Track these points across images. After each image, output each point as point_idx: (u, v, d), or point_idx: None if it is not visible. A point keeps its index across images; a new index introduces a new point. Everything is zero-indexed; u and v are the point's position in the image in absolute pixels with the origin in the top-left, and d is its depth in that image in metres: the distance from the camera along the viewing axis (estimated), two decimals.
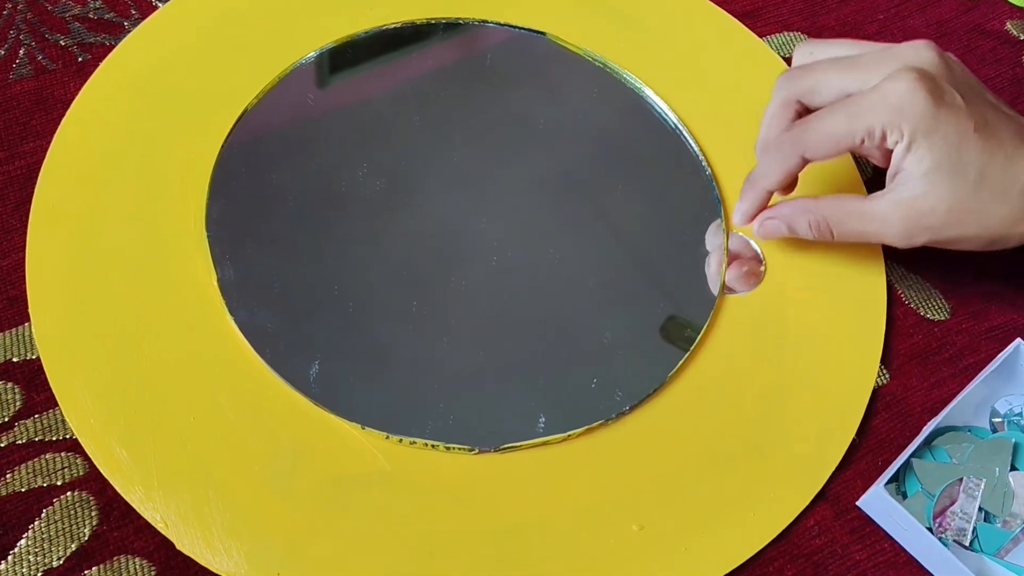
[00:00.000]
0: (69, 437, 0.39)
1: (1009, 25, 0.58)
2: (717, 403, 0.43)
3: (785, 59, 0.54)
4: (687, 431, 0.42)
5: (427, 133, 0.49)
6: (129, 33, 0.49)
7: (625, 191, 0.49)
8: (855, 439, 0.43)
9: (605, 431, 0.42)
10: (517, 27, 0.52)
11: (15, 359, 0.40)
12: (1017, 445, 0.43)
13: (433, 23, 0.52)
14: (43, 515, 0.37)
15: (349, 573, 0.37)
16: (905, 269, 0.49)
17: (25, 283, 0.41)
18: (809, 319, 0.46)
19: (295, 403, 0.40)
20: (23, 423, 0.39)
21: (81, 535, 0.37)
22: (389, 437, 0.40)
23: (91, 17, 0.50)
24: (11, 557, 0.36)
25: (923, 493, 0.42)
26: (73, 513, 0.37)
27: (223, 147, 0.46)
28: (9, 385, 0.40)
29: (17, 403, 0.39)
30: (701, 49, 0.54)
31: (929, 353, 0.47)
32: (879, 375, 0.45)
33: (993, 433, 0.44)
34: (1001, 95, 0.54)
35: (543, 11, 0.53)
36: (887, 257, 0.48)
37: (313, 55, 0.50)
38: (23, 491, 0.38)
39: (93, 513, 0.37)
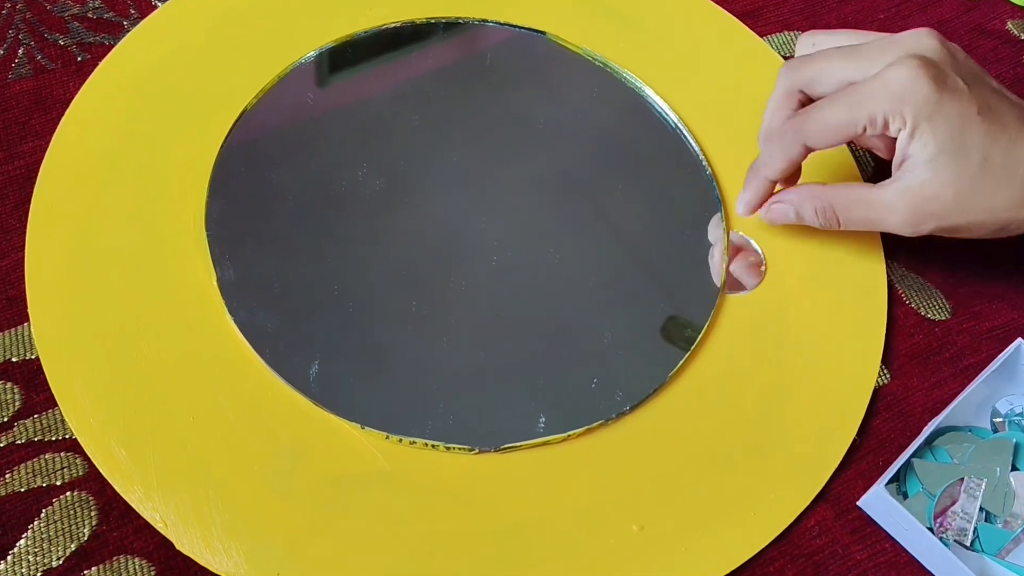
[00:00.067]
0: (68, 437, 0.39)
1: (1010, 24, 0.58)
2: (717, 403, 0.43)
3: (786, 58, 0.54)
4: (687, 431, 0.42)
5: (427, 133, 0.49)
6: (128, 33, 0.49)
7: (625, 191, 0.49)
8: (856, 439, 0.43)
9: (605, 431, 0.42)
10: (517, 26, 0.52)
11: (14, 359, 0.40)
12: (1018, 445, 0.43)
13: (433, 22, 0.52)
14: (42, 515, 0.37)
15: (349, 573, 0.37)
16: (906, 269, 0.49)
17: (24, 283, 0.41)
18: (810, 319, 0.46)
19: (295, 403, 0.40)
20: (22, 423, 0.39)
21: (80, 535, 0.37)
22: (389, 437, 0.40)
23: (90, 16, 0.50)
24: (10, 557, 0.36)
25: (924, 493, 0.42)
26: (72, 513, 0.37)
27: (223, 147, 0.46)
28: (8, 385, 0.40)
29: (16, 403, 0.39)
30: (701, 48, 0.54)
31: (930, 353, 0.47)
32: (880, 375, 0.45)
33: (994, 433, 0.44)
34: (1003, 85, 0.54)
35: (543, 10, 0.53)
36: (888, 257, 0.48)
37: (313, 54, 0.50)
38: (22, 491, 0.38)
39: (92, 513, 0.37)
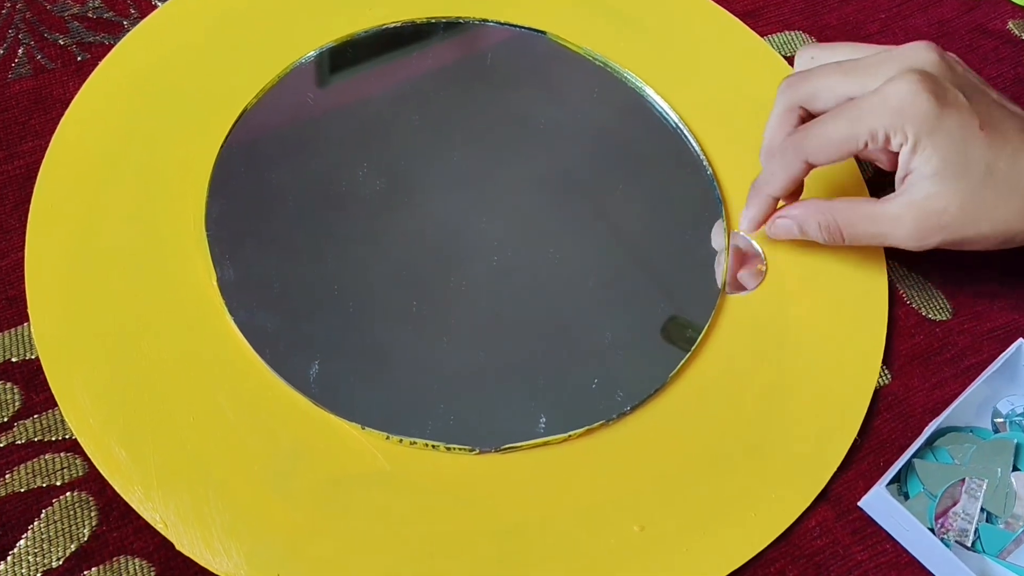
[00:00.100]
0: (68, 437, 0.39)
1: (1011, 24, 0.58)
2: (718, 403, 0.43)
3: (786, 58, 0.54)
4: (688, 431, 0.42)
5: (427, 133, 0.49)
6: (128, 32, 0.49)
7: (625, 191, 0.49)
8: (856, 439, 0.43)
9: (606, 431, 0.42)
10: (517, 26, 0.52)
11: (14, 359, 0.40)
12: (1019, 446, 0.43)
13: (433, 22, 0.52)
14: (42, 515, 0.37)
15: (349, 574, 0.37)
16: (907, 269, 0.49)
17: (24, 283, 0.41)
18: (810, 319, 0.46)
19: (295, 403, 0.40)
20: (22, 423, 0.39)
21: (80, 535, 0.37)
22: (389, 437, 0.40)
23: (90, 16, 0.50)
24: (10, 558, 0.36)
25: (925, 494, 0.42)
26: (72, 513, 0.37)
27: (223, 146, 0.46)
28: (8, 385, 0.40)
29: (16, 403, 0.39)
30: (702, 48, 0.54)
31: (931, 353, 0.46)
32: (880, 375, 0.45)
33: (995, 433, 0.44)
34: (1003, 95, 0.54)
35: (543, 10, 0.53)
36: (889, 257, 0.48)
37: (313, 54, 0.49)
38: (22, 491, 0.38)
39: (92, 513, 0.37)
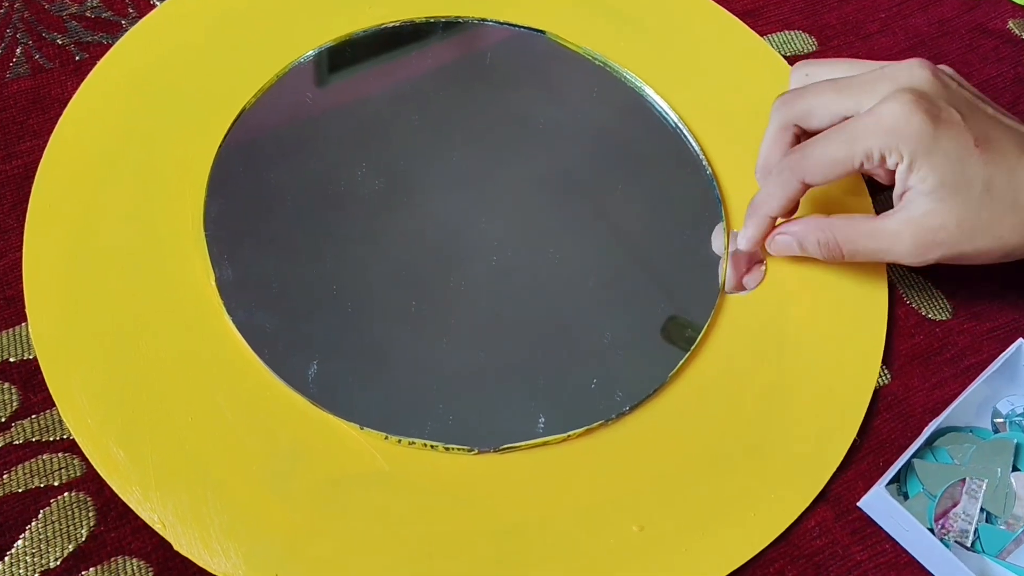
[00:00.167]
0: (66, 437, 0.39)
1: (1011, 24, 0.58)
2: (717, 403, 0.43)
3: (786, 58, 0.54)
4: (687, 431, 0.42)
5: (427, 132, 0.49)
6: (127, 32, 0.49)
7: (625, 191, 0.49)
8: (856, 440, 0.43)
9: (605, 431, 0.42)
10: (517, 26, 0.52)
11: (12, 359, 0.40)
12: (1019, 446, 0.43)
13: (432, 22, 0.52)
14: (40, 516, 0.37)
15: (348, 574, 0.37)
16: (907, 269, 0.48)
17: (22, 283, 0.41)
18: (810, 319, 0.46)
19: (293, 403, 0.40)
20: (20, 423, 0.39)
21: (78, 536, 0.37)
22: (388, 437, 0.40)
23: (88, 16, 0.50)
24: (8, 558, 0.36)
25: (925, 494, 0.42)
26: (70, 514, 0.37)
27: (221, 146, 0.46)
28: (6, 385, 0.39)
29: (14, 403, 0.39)
30: (701, 48, 0.54)
31: (931, 353, 0.46)
32: (880, 375, 0.45)
33: (995, 434, 0.44)
34: (1003, 95, 0.54)
35: (543, 10, 0.53)
36: None
37: (312, 54, 0.49)
38: (20, 492, 0.37)
39: (90, 514, 0.37)
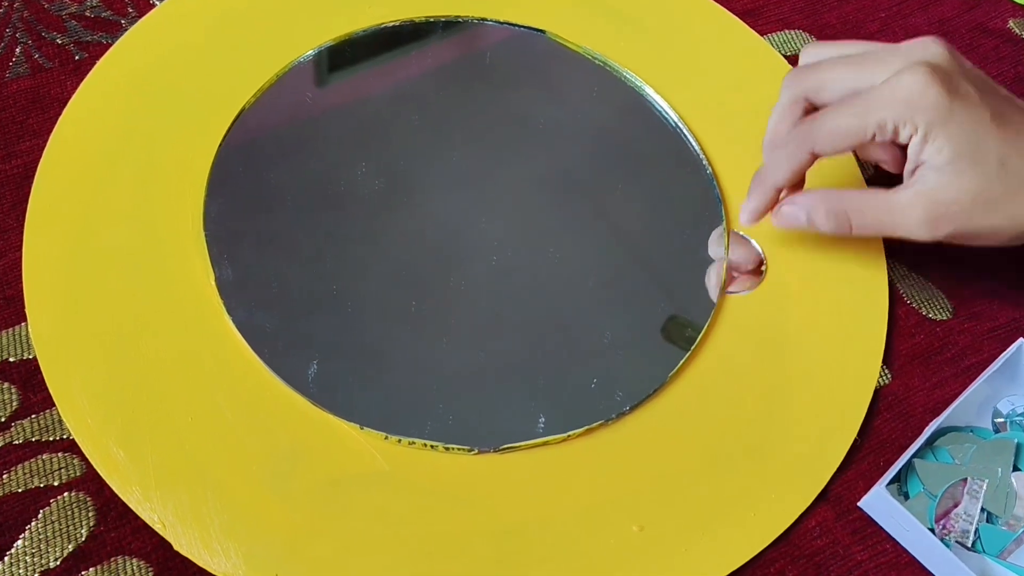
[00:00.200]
0: (66, 437, 0.39)
1: (1012, 23, 0.58)
2: (717, 403, 0.43)
3: (786, 57, 0.54)
4: (687, 431, 0.42)
5: (426, 132, 0.48)
6: (126, 31, 0.49)
7: (625, 190, 0.49)
8: (856, 439, 0.43)
9: (605, 431, 0.42)
10: (516, 25, 0.52)
11: (11, 359, 0.40)
12: (1020, 446, 0.43)
13: (432, 21, 0.52)
14: (40, 516, 0.37)
15: (348, 574, 0.37)
16: (907, 269, 0.48)
17: (22, 282, 0.41)
18: (810, 319, 0.46)
19: (293, 403, 0.40)
20: (20, 423, 0.39)
21: (78, 536, 0.37)
22: (388, 437, 0.40)
23: (88, 15, 0.50)
24: (7, 558, 0.36)
25: (925, 494, 0.41)
26: (70, 514, 0.37)
27: (221, 146, 0.46)
28: (6, 385, 0.39)
29: (14, 403, 0.39)
30: (701, 47, 0.54)
31: (931, 353, 0.46)
32: (881, 375, 0.45)
33: (995, 434, 0.44)
34: (1010, 93, 0.54)
35: (543, 9, 0.53)
36: (889, 256, 0.48)
37: (312, 53, 0.49)
38: (20, 492, 0.37)
39: (90, 514, 0.37)
